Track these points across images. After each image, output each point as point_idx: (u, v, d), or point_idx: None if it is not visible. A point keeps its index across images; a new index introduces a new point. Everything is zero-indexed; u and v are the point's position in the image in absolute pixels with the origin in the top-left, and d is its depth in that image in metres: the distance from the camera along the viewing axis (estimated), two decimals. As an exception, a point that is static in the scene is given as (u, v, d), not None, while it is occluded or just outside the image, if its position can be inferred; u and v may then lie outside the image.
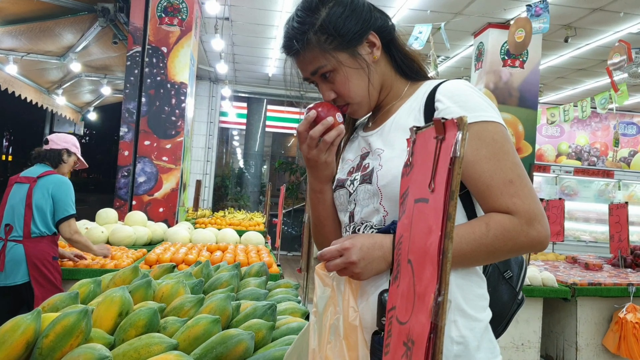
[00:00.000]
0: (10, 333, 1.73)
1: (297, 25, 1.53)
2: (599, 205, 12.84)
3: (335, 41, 1.50)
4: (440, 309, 0.76)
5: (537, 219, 1.32)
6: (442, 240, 0.77)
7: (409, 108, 1.53)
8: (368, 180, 1.49)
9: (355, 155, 1.64)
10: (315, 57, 1.53)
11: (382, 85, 1.60)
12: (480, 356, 1.38)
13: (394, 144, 1.49)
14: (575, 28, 8.69)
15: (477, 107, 1.41)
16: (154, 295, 2.23)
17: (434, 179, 0.85)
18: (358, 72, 1.53)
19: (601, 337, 5.25)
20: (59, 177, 4.30)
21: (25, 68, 11.01)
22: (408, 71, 1.62)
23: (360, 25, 1.52)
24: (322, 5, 1.52)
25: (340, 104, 1.58)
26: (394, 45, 1.60)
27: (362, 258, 1.33)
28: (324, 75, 1.55)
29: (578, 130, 14.54)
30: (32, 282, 4.03)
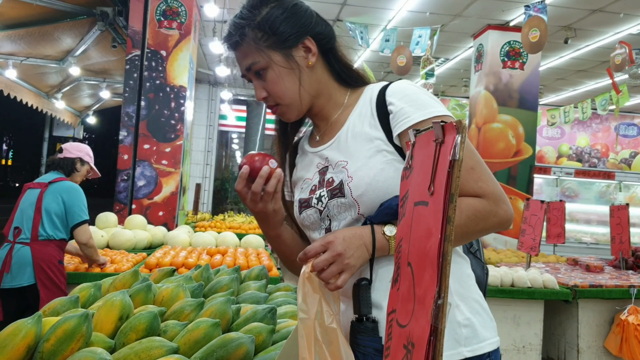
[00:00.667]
0: (11, 337, 1.73)
1: (238, 20, 1.57)
2: (600, 206, 12.84)
3: (270, 39, 1.54)
4: (440, 311, 0.76)
5: (502, 199, 1.42)
6: (441, 243, 0.77)
7: (360, 115, 1.57)
8: (339, 194, 1.51)
9: (312, 172, 1.65)
10: (250, 52, 1.56)
11: (318, 92, 1.63)
12: (486, 334, 1.49)
13: (355, 154, 1.52)
14: (575, 29, 8.71)
15: (426, 104, 1.47)
16: (154, 299, 2.23)
17: (433, 182, 0.84)
18: (290, 74, 1.57)
19: (603, 339, 5.24)
20: (70, 183, 4.36)
21: (25, 72, 11.03)
22: (347, 79, 1.66)
23: (297, 28, 1.56)
24: (264, 4, 1.57)
25: (271, 103, 1.61)
26: (333, 54, 1.64)
27: (347, 248, 1.37)
28: (258, 73, 1.58)
29: (578, 132, 14.56)
30: (38, 284, 4.07)
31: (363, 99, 1.60)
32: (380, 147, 1.49)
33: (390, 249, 1.43)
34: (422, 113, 1.44)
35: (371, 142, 1.50)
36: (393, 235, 1.42)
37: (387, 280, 1.45)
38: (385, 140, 1.49)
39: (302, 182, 1.68)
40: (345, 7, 8.39)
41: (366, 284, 1.43)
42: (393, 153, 1.48)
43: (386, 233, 1.42)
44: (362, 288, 1.42)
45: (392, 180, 1.45)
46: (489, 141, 8.82)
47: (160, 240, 6.07)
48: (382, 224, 1.44)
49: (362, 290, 1.42)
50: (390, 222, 1.44)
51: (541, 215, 5.58)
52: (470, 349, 1.43)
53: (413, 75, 12.41)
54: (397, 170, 1.46)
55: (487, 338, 1.48)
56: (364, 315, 1.41)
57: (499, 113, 8.82)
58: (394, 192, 1.44)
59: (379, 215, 1.44)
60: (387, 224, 1.44)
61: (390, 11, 8.50)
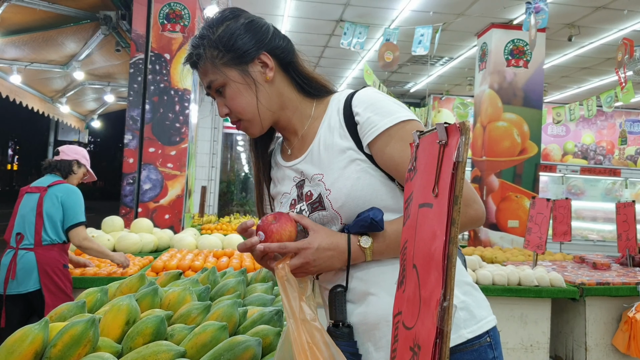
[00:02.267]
0: (19, 343, 1.73)
1: (196, 41, 1.61)
2: (606, 204, 12.80)
3: (226, 57, 1.57)
4: (446, 314, 0.75)
5: (473, 199, 1.45)
6: (446, 246, 0.77)
7: (329, 126, 1.60)
8: (320, 208, 1.54)
9: (289, 186, 1.68)
10: (208, 70, 1.60)
11: (282, 105, 1.64)
12: (481, 313, 1.53)
13: (330, 166, 1.54)
14: (579, 27, 8.69)
15: (391, 110, 1.51)
16: (160, 302, 2.23)
17: (437, 183, 0.84)
18: (247, 89, 1.59)
19: (610, 337, 5.22)
20: (68, 186, 4.36)
21: (29, 77, 11.05)
22: (311, 91, 1.68)
23: (252, 44, 1.58)
24: (221, 23, 1.60)
25: (233, 119, 1.64)
26: (293, 68, 1.66)
27: (317, 258, 1.46)
28: (218, 90, 1.61)
29: (584, 129, 14.52)
30: (44, 289, 4.07)
31: (330, 109, 1.63)
32: (352, 156, 1.52)
33: (366, 257, 1.48)
34: (388, 120, 1.48)
35: (343, 153, 1.53)
36: (368, 246, 1.47)
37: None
38: (357, 150, 1.52)
39: (280, 197, 1.70)
40: (349, 7, 8.39)
41: (341, 290, 1.49)
42: (365, 161, 1.52)
43: (362, 244, 1.47)
44: (337, 295, 1.48)
45: (369, 187, 1.49)
46: (494, 140, 8.80)
47: (167, 243, 6.08)
48: (359, 234, 1.48)
49: (337, 297, 1.48)
50: (366, 233, 1.48)
51: (547, 213, 5.57)
52: (469, 330, 1.48)
53: (415, 75, 12.42)
54: (372, 177, 1.50)
55: (484, 317, 1.53)
56: (340, 321, 1.47)
57: (503, 112, 8.80)
58: (373, 199, 1.49)
59: (355, 226, 1.48)
60: (363, 235, 1.48)
61: (394, 11, 8.49)
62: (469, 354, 1.47)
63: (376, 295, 1.47)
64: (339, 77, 13.27)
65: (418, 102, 14.91)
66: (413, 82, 13.53)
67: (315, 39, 10.15)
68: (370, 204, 1.48)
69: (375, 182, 1.49)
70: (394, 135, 1.47)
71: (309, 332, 1.37)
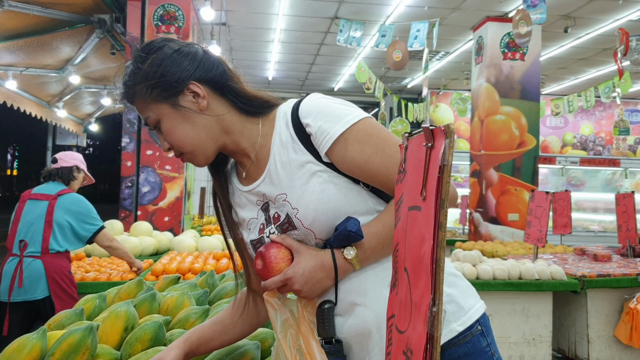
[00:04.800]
0: (17, 353, 1.73)
1: (126, 78, 1.56)
2: (606, 194, 12.82)
3: (154, 92, 1.51)
4: (436, 319, 0.75)
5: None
6: (434, 250, 0.77)
7: (281, 143, 1.54)
8: (290, 227, 1.51)
9: (254, 210, 1.63)
10: (142, 107, 1.54)
11: (225, 130, 1.57)
12: (469, 302, 1.52)
13: (291, 184, 1.50)
14: (575, 18, 8.69)
15: (340, 114, 1.47)
16: (159, 308, 2.23)
17: (425, 186, 0.84)
18: (184, 121, 1.53)
19: (612, 328, 5.22)
20: (76, 195, 4.42)
21: (25, 83, 11.06)
22: (253, 109, 1.60)
23: (178, 75, 1.51)
24: (146, 57, 1.53)
25: (176, 153, 1.59)
26: (229, 91, 1.58)
27: (304, 283, 1.44)
28: (155, 126, 1.56)
29: (582, 120, 14.52)
30: (53, 296, 4.11)
31: (278, 124, 1.57)
32: (312, 169, 1.48)
33: (355, 267, 1.46)
34: (340, 126, 1.45)
35: (302, 168, 1.49)
36: (353, 257, 1.45)
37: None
38: (315, 162, 1.48)
39: (247, 223, 1.65)
40: (343, 4, 8.39)
41: (330, 306, 1.47)
42: (326, 171, 1.48)
43: (346, 257, 1.45)
44: (326, 311, 1.46)
45: (336, 197, 1.46)
46: (492, 133, 8.80)
47: (167, 246, 6.08)
48: (342, 247, 1.46)
49: (326, 313, 1.46)
50: (348, 244, 1.46)
51: (546, 206, 5.57)
52: (459, 322, 1.47)
53: (412, 70, 12.42)
54: (337, 186, 1.47)
55: (472, 306, 1.52)
56: (330, 337, 1.45)
57: (501, 105, 8.80)
58: (341, 208, 1.46)
59: (335, 240, 1.46)
60: (345, 247, 1.46)
61: (388, 7, 8.49)
62: (462, 347, 1.46)
63: (362, 304, 1.46)
64: (335, 75, 13.27)
65: (416, 97, 14.90)
66: (410, 78, 13.52)
67: (310, 37, 10.15)
68: (340, 213, 1.45)
69: (340, 191, 1.47)
70: (349, 138, 1.44)
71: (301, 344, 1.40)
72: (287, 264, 1.46)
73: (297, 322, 1.46)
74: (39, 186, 4.48)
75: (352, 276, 1.48)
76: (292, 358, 1.41)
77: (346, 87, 14.37)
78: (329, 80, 13.87)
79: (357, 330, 1.46)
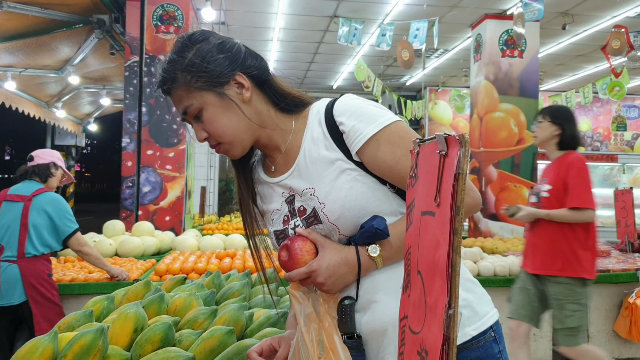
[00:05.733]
0: (29, 355, 1.75)
1: (167, 66, 1.57)
2: (604, 189, 12.79)
3: (200, 80, 1.53)
4: (452, 321, 0.77)
5: (469, 188, 1.46)
6: (450, 255, 0.79)
7: (312, 139, 1.58)
8: (316, 221, 1.53)
9: (279, 202, 1.66)
10: (184, 96, 1.56)
11: (261, 124, 1.61)
12: (484, 308, 1.56)
13: (320, 179, 1.54)
14: (573, 15, 8.70)
15: (374, 115, 1.50)
16: (167, 309, 2.25)
17: (439, 193, 0.86)
18: (225, 112, 1.56)
19: (612, 323, 5.26)
20: (52, 194, 4.26)
21: (24, 83, 11.04)
22: (288, 107, 1.64)
23: (226, 66, 1.55)
24: (191, 46, 1.56)
25: (212, 143, 1.61)
26: (268, 86, 1.62)
27: (328, 277, 1.46)
28: (195, 115, 1.57)
29: (580, 116, 14.52)
30: (30, 301, 3.99)
31: (311, 121, 1.61)
32: (342, 167, 1.51)
33: (377, 265, 1.49)
34: (373, 126, 1.48)
35: (332, 164, 1.52)
36: (377, 254, 1.48)
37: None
38: (345, 159, 1.52)
39: (271, 214, 1.68)
40: (342, 2, 8.39)
41: (351, 302, 1.49)
42: (355, 169, 1.51)
43: (371, 254, 1.48)
44: (347, 307, 1.48)
45: (363, 196, 1.49)
46: (491, 131, 8.81)
47: (169, 246, 6.09)
48: (366, 244, 1.49)
49: (347, 308, 1.48)
50: (373, 242, 1.49)
51: (546, 203, 5.58)
52: (474, 327, 1.50)
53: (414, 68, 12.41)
54: (364, 185, 1.51)
55: (487, 312, 1.55)
56: (351, 333, 1.48)
57: (500, 102, 8.81)
58: (369, 207, 1.49)
59: (360, 238, 1.48)
60: (370, 245, 1.48)
61: (387, 5, 8.49)
62: (475, 351, 1.49)
63: (380, 302, 1.48)
64: (334, 73, 13.27)
65: (414, 94, 14.91)
66: (409, 75, 13.53)
67: (309, 36, 10.16)
68: (366, 211, 1.48)
69: (368, 190, 1.50)
70: (381, 139, 1.48)
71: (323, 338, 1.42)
72: (311, 257, 1.48)
73: (320, 317, 1.48)
74: (15, 186, 4.32)
75: (373, 274, 1.50)
76: (314, 352, 1.43)
77: (345, 85, 14.37)
78: (328, 78, 13.87)
79: (373, 327, 1.48)
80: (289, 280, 1.50)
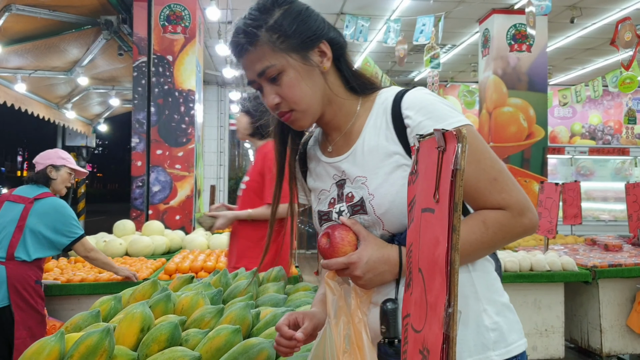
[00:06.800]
0: (36, 356, 1.76)
1: (249, 22, 1.49)
2: (616, 183, 12.77)
3: (287, 42, 1.47)
4: (451, 320, 0.76)
5: (527, 207, 1.38)
6: (449, 252, 0.78)
7: (375, 126, 1.52)
8: (361, 211, 1.49)
9: (328, 183, 1.62)
10: (265, 55, 1.48)
11: (330, 100, 1.56)
12: (512, 337, 1.46)
13: (374, 170, 1.48)
14: (581, 8, 8.65)
15: (445, 115, 1.42)
16: (174, 308, 2.25)
17: (438, 189, 0.85)
18: (307, 78, 1.50)
19: (625, 318, 5.22)
20: (54, 200, 4.15)
21: (34, 85, 11.09)
22: (358, 87, 1.59)
23: (314, 31, 1.50)
24: (276, 7, 1.50)
25: (284, 109, 1.52)
26: (344, 61, 1.58)
27: (367, 271, 1.39)
28: (271, 78, 1.50)
29: (590, 110, 14.46)
30: (13, 306, 3.85)
31: (376, 107, 1.54)
32: (399, 162, 1.46)
33: None
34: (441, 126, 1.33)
35: (390, 157, 1.47)
36: None
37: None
38: (404, 154, 1.46)
39: (319, 193, 1.64)
40: (348, 0, 8.39)
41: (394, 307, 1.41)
42: None
43: None
44: (391, 312, 1.41)
45: None
46: (501, 125, 8.78)
47: (179, 245, 6.11)
48: None
49: (390, 313, 1.42)
50: None
51: (556, 197, 5.56)
52: (498, 352, 1.43)
53: (418, 64, 12.38)
54: None
55: (515, 341, 1.47)
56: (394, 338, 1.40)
57: (509, 97, 8.78)
58: None
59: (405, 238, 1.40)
60: None
61: (394, 1, 8.48)
62: None
63: None
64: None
65: (423, 90, 14.86)
66: (417, 71, 13.49)
67: (316, 33, 10.14)
68: None
69: None
70: None
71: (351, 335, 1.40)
72: (352, 248, 1.43)
73: (351, 312, 1.44)
74: (21, 187, 4.23)
75: None
76: (340, 345, 1.41)
77: (353, 81, 14.34)
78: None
79: None
80: (326, 267, 1.44)
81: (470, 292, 1.45)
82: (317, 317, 1.62)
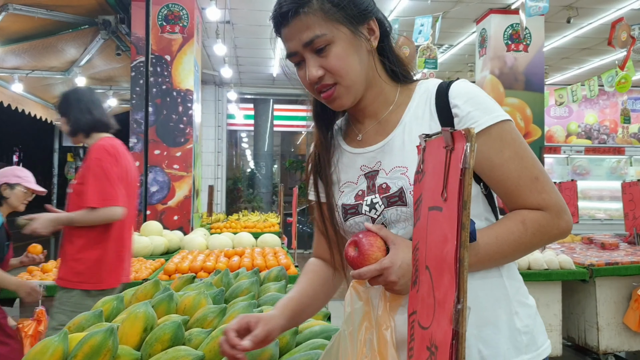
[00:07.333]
0: (40, 356, 1.76)
1: None
2: (611, 182, 12.79)
3: (340, 12, 1.41)
4: (461, 316, 0.78)
5: (564, 210, 1.38)
6: (458, 250, 0.79)
7: (416, 116, 1.47)
8: (400, 203, 1.42)
9: (355, 175, 1.55)
10: (315, 24, 1.40)
11: (372, 82, 1.50)
12: (541, 339, 1.47)
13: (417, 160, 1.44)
14: (577, 8, 8.67)
15: (492, 107, 1.40)
16: (176, 308, 2.25)
17: (446, 188, 0.86)
18: (355, 52, 1.44)
19: (621, 316, 5.24)
20: None
21: (31, 85, 11.06)
22: (399, 74, 1.54)
23: (365, 6, 1.46)
24: None
25: (328, 82, 1.45)
26: (388, 45, 1.53)
27: (402, 276, 1.30)
28: (318, 49, 1.43)
29: (586, 109, 14.49)
30: None
31: (417, 97, 1.50)
32: None
33: None
34: (489, 117, 1.38)
35: None
36: None
37: None
38: None
39: (342, 185, 1.57)
40: (346, 0, 8.38)
41: None
42: None
43: None
44: None
45: None
46: (498, 125, 8.80)
47: (177, 245, 6.10)
48: None
49: None
50: None
51: (554, 197, 5.58)
52: (530, 356, 1.42)
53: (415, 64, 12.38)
54: None
55: (543, 343, 1.47)
56: None
57: (505, 97, 8.81)
58: None
59: None
60: None
61: (391, 1, 8.49)
62: None
63: None
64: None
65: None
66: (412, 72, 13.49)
67: (314, 33, 10.14)
68: None
69: None
70: (493, 134, 1.37)
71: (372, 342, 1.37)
72: (382, 253, 1.34)
73: (377, 318, 1.36)
74: None
75: None
76: (360, 350, 1.36)
77: (350, 81, 14.37)
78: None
79: None
80: (358, 278, 1.33)
81: (502, 295, 1.43)
82: (274, 322, 1.52)
